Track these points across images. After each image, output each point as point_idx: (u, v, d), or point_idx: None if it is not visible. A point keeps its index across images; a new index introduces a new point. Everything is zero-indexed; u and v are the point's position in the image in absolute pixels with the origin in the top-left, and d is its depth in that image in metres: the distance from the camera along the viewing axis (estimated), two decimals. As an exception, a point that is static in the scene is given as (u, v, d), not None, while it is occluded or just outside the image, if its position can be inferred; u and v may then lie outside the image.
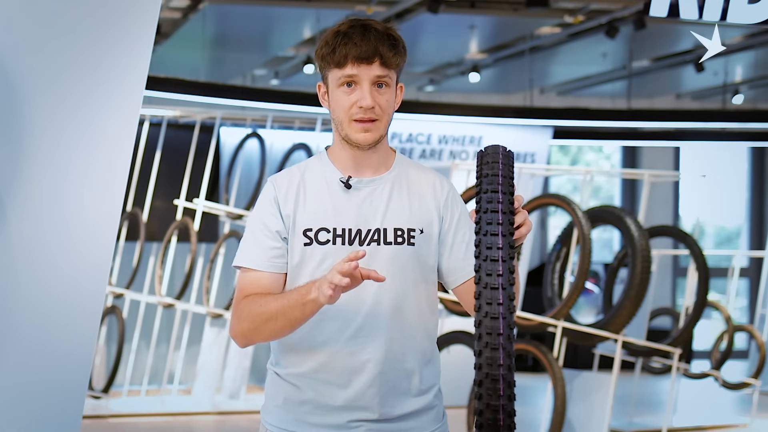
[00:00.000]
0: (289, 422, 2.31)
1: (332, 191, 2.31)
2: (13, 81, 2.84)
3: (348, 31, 2.28)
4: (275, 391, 2.35)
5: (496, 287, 1.80)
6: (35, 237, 2.89)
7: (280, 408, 2.33)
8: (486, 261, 1.82)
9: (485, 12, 8.58)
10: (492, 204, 1.87)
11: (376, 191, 2.32)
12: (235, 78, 11.20)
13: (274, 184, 2.34)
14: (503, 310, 1.79)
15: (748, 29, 9.09)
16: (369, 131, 2.28)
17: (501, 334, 1.78)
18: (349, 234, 2.28)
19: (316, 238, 2.29)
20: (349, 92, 2.27)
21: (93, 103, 2.94)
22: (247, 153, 9.57)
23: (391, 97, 2.30)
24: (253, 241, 2.31)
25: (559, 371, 6.37)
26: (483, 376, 1.78)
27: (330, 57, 2.27)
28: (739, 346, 11.24)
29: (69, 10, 2.89)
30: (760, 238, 13.07)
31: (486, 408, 1.79)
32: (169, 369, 8.76)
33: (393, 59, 2.27)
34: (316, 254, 2.28)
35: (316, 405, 2.29)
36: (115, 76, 2.96)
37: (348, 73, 2.26)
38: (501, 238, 1.83)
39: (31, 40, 2.85)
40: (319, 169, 2.35)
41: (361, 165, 2.33)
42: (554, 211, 12.44)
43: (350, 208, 2.30)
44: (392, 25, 2.33)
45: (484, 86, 11.83)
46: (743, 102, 12.23)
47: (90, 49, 2.93)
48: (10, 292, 2.87)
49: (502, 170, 1.92)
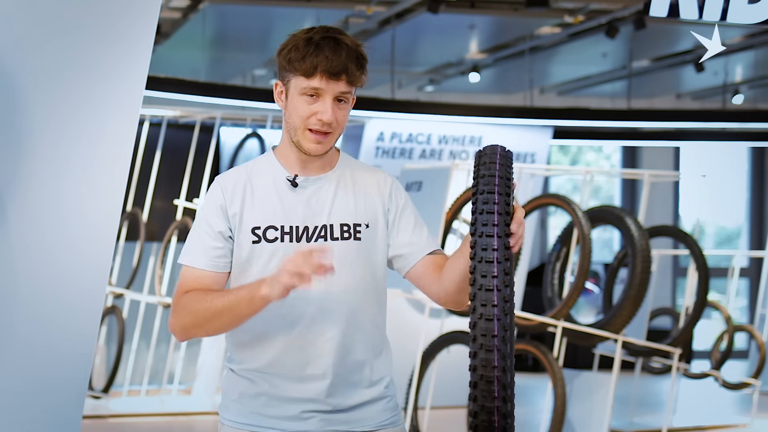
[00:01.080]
0: (245, 415, 2.37)
1: (279, 190, 2.37)
2: (14, 81, 2.83)
3: (320, 42, 2.30)
4: (231, 387, 2.40)
5: (491, 289, 1.80)
6: (35, 237, 2.89)
7: (236, 402, 2.38)
8: (481, 262, 1.81)
9: (485, 12, 8.58)
10: (488, 205, 1.87)
11: (322, 189, 2.38)
12: (235, 78, 11.20)
13: (220, 184, 2.39)
14: (498, 312, 1.79)
15: (748, 29, 9.09)
16: (321, 143, 2.34)
17: (495, 336, 1.78)
18: (296, 231, 2.34)
19: (264, 236, 2.34)
20: (311, 102, 2.32)
21: (93, 103, 2.94)
22: (247, 153, 9.58)
23: (348, 112, 2.38)
24: (196, 239, 2.36)
25: (559, 371, 6.37)
26: (478, 377, 1.78)
27: (298, 64, 2.30)
28: (739, 346, 11.24)
29: (69, 10, 2.89)
30: (760, 238, 13.07)
31: (481, 410, 1.78)
32: (169, 369, 8.76)
33: (358, 78, 2.33)
34: (264, 252, 2.33)
35: (270, 397, 2.35)
36: (115, 76, 2.96)
37: (314, 86, 2.30)
38: (496, 239, 1.83)
39: (31, 40, 2.85)
40: (266, 169, 2.40)
41: (307, 165, 2.39)
42: (554, 211, 12.44)
43: (297, 205, 2.36)
44: (361, 43, 2.37)
45: (484, 86, 11.83)
46: (743, 102, 12.23)
47: (90, 49, 2.93)
48: (10, 292, 2.87)
49: (499, 171, 1.92)
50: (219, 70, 10.93)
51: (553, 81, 11.86)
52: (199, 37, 9.18)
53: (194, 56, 10.08)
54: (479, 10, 8.52)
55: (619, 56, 10.41)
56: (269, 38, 9.74)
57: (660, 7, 5.46)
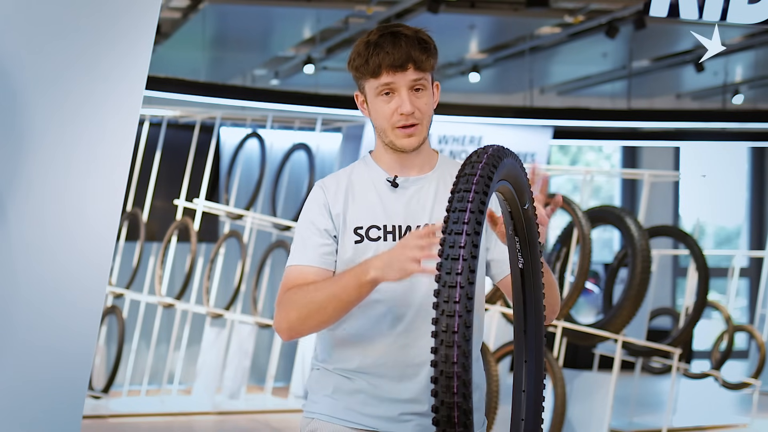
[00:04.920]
0: (339, 410, 2.32)
1: (380, 190, 2.36)
2: (14, 81, 2.84)
3: (378, 41, 2.31)
4: (324, 382, 2.36)
5: (453, 285, 1.82)
6: (35, 237, 2.89)
7: (329, 397, 2.34)
8: (447, 260, 1.84)
9: (485, 12, 8.59)
10: (462, 203, 1.88)
11: (422, 189, 2.37)
12: (235, 78, 11.21)
13: (322, 187, 2.39)
14: (459, 309, 1.81)
15: (748, 29, 9.09)
16: (413, 136, 2.33)
17: (456, 332, 1.80)
18: (399, 230, 2.32)
19: (367, 235, 2.32)
20: (388, 100, 2.32)
21: (93, 103, 2.94)
22: (247, 153, 9.58)
23: (429, 99, 2.35)
24: (300, 241, 2.34)
25: (559, 371, 6.37)
26: (438, 373, 1.81)
27: (364, 68, 2.32)
28: (739, 346, 11.24)
29: (69, 10, 2.89)
30: (760, 238, 13.07)
31: (441, 405, 1.81)
32: (169, 369, 8.77)
33: (426, 62, 2.31)
34: (368, 251, 2.31)
35: (369, 395, 2.30)
36: (115, 76, 2.96)
37: (384, 82, 2.30)
38: (464, 236, 1.84)
39: (32, 41, 2.85)
40: (366, 171, 2.40)
41: (405, 166, 2.38)
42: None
43: (398, 205, 2.34)
44: (421, 28, 2.36)
45: (484, 86, 11.83)
46: (743, 102, 12.23)
47: (90, 49, 2.93)
48: (10, 292, 2.87)
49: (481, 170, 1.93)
50: (219, 70, 10.93)
51: (553, 81, 11.86)
52: (199, 37, 9.18)
53: (194, 56, 10.08)
54: (479, 10, 8.53)
55: (619, 56, 10.41)
56: (269, 38, 9.74)
57: (660, 7, 5.47)
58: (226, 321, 8.55)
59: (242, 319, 8.49)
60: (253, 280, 8.83)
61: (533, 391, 2.20)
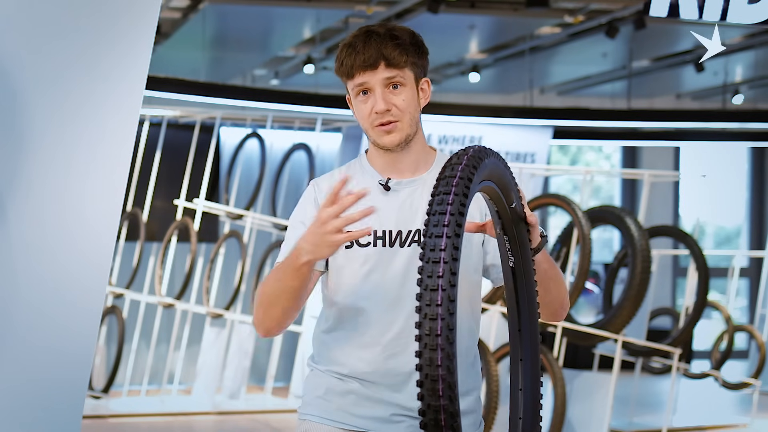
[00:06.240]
0: (331, 412, 2.32)
1: (372, 194, 2.31)
2: (14, 81, 2.84)
3: (352, 41, 2.31)
4: (317, 383, 2.36)
5: (435, 288, 1.82)
6: (35, 237, 2.89)
7: (321, 398, 2.34)
8: (428, 263, 1.83)
9: (485, 12, 8.59)
10: (441, 206, 1.88)
11: (415, 192, 2.33)
12: (235, 78, 11.21)
13: (315, 187, 2.38)
14: (442, 312, 1.81)
15: (748, 29, 9.10)
16: (391, 132, 2.30)
17: (439, 336, 1.80)
18: (389, 236, 2.30)
19: (357, 241, 2.30)
20: (365, 100, 2.31)
21: (93, 103, 2.94)
22: (247, 153, 9.58)
23: (410, 95, 2.31)
24: (291, 238, 2.33)
25: (559, 371, 6.37)
26: (423, 377, 1.81)
27: (341, 70, 2.32)
28: (739, 346, 11.24)
29: (69, 10, 2.89)
30: (760, 238, 13.08)
31: (428, 408, 1.81)
32: (169, 369, 8.77)
33: (399, 58, 2.29)
34: (358, 257, 2.30)
35: (361, 396, 2.30)
36: (115, 76, 2.96)
37: (358, 82, 2.29)
38: (445, 239, 1.84)
39: (32, 41, 2.85)
40: (360, 172, 2.38)
41: (398, 166, 2.35)
42: (554, 211, 12.44)
43: (390, 210, 2.31)
44: (397, 24, 2.35)
45: (484, 86, 11.83)
46: (743, 102, 12.23)
47: (90, 49, 2.93)
48: (10, 292, 2.87)
49: (460, 172, 1.93)
50: (219, 70, 10.93)
51: (553, 81, 11.86)
52: (199, 37, 9.19)
53: (194, 56, 10.09)
54: (479, 10, 8.53)
55: (619, 56, 10.41)
56: (269, 38, 9.74)
57: (660, 7, 5.47)
58: (226, 321, 8.55)
59: (242, 319, 8.49)
60: (253, 280, 8.83)
61: (530, 390, 2.20)
